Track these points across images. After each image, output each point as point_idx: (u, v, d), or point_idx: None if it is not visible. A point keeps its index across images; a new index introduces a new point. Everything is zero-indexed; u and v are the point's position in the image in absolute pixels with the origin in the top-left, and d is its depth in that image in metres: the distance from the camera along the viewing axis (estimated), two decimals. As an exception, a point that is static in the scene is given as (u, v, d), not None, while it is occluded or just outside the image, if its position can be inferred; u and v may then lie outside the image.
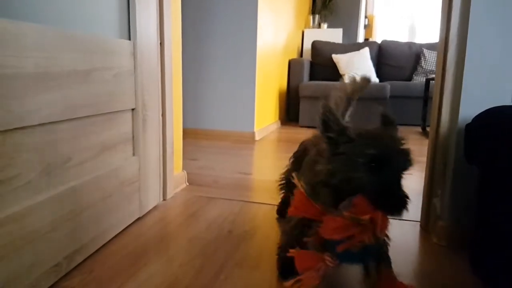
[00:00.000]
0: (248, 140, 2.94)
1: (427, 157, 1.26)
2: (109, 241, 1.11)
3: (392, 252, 1.12)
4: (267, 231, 1.24)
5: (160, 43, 1.37)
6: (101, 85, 1.02)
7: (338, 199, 0.72)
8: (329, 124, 0.73)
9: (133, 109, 1.20)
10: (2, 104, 0.71)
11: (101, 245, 1.07)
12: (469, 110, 1.07)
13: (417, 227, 1.29)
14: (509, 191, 0.82)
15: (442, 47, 1.15)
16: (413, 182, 1.81)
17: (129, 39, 1.18)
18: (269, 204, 1.49)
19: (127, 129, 1.18)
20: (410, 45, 4.16)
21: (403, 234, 1.24)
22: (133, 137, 1.22)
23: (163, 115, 1.41)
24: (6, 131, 0.73)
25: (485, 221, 0.93)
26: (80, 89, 0.94)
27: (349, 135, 0.71)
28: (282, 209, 1.32)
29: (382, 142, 0.70)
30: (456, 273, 1.00)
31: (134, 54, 1.18)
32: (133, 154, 1.23)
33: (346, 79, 3.89)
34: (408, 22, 6.04)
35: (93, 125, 1.01)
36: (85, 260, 0.99)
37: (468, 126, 0.96)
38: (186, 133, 3.05)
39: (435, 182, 1.21)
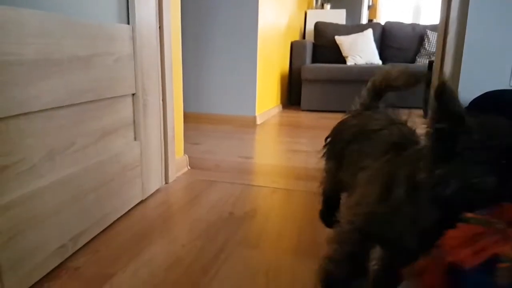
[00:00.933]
0: (249, 124, 2.96)
1: (425, 140, 1.27)
2: (113, 223, 1.14)
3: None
4: (267, 212, 1.27)
5: (159, 27, 1.37)
6: (101, 70, 1.04)
7: (446, 220, 0.53)
8: (447, 107, 0.52)
9: (133, 94, 1.22)
10: (5, 91, 0.73)
11: (105, 227, 1.10)
12: (468, 93, 1.08)
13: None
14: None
15: (442, 30, 1.15)
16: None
17: (128, 23, 1.19)
18: (269, 187, 1.51)
19: (128, 114, 1.20)
20: (413, 26, 4.10)
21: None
22: (134, 122, 1.24)
23: (164, 99, 1.42)
24: (9, 117, 0.75)
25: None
26: (81, 74, 0.95)
27: (468, 124, 0.52)
28: (328, 213, 1.06)
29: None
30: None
31: (133, 39, 1.19)
32: (135, 139, 1.25)
33: (350, 61, 3.86)
34: (413, 3, 5.95)
35: (94, 110, 1.03)
36: (90, 241, 1.03)
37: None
38: (188, 117, 3.06)
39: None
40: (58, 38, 0.87)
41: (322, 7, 4.98)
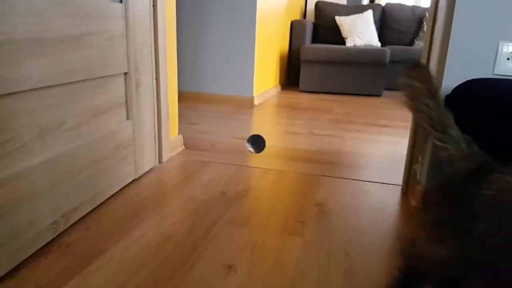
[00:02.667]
0: (247, 105, 2.96)
1: (411, 126, 1.29)
2: (106, 200, 1.17)
3: (371, 212, 1.17)
4: (258, 192, 1.29)
5: (153, 5, 1.36)
6: (93, 49, 1.04)
7: None
8: None
9: (125, 73, 1.22)
10: (-6, 69, 0.74)
11: (97, 204, 1.12)
12: (452, 81, 1.08)
13: (398, 190, 1.34)
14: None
15: (432, 16, 1.14)
16: (402, 147, 1.85)
17: (121, 1, 1.18)
18: (262, 168, 1.53)
19: (120, 93, 1.21)
20: (413, 8, 4.04)
21: (384, 196, 1.29)
22: (126, 101, 1.24)
23: (157, 78, 1.42)
24: (0, 96, 0.76)
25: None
26: (72, 54, 0.95)
27: None
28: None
29: None
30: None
31: (125, 17, 1.19)
32: (127, 118, 1.26)
33: (349, 42, 3.82)
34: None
35: (86, 89, 1.04)
36: (82, 218, 1.05)
37: (448, 97, 0.98)
38: (186, 96, 3.06)
39: (416, 149, 1.24)
40: (49, 17, 0.87)
41: (323, -14, 4.88)
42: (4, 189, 0.78)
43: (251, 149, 1.24)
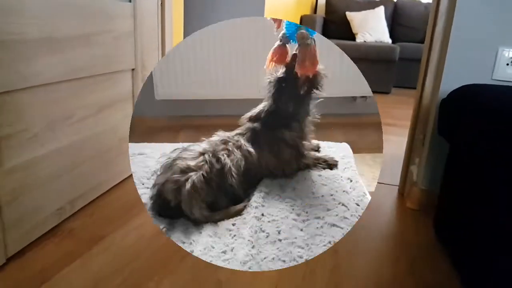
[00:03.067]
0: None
1: (410, 127, 1.32)
2: (109, 190, 1.23)
3: (365, 212, 1.21)
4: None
5: (161, 4, 1.40)
6: (101, 47, 1.09)
7: None
8: None
9: (132, 69, 1.27)
10: (10, 67, 0.80)
11: (101, 193, 1.19)
12: (450, 85, 1.10)
13: (395, 191, 1.38)
14: (462, 162, 0.88)
15: (432, 20, 1.16)
16: (400, 147, 1.87)
17: (130, 1, 1.23)
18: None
19: (127, 88, 1.26)
20: (426, 5, 4.00)
21: (381, 196, 1.32)
22: (132, 96, 1.30)
23: (163, 74, 1.47)
24: (13, 90, 0.82)
25: (448, 187, 1.00)
26: (81, 51, 1.01)
27: None
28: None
29: None
30: (420, 235, 1.09)
31: (134, 16, 1.23)
32: (133, 112, 1.32)
33: (359, 38, 3.82)
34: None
35: (94, 84, 1.09)
36: (86, 205, 1.12)
37: (443, 101, 1.01)
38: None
39: (414, 151, 1.27)
40: (59, 17, 0.92)
41: (337, -20, 4.85)
42: (16, 176, 0.85)
43: None
